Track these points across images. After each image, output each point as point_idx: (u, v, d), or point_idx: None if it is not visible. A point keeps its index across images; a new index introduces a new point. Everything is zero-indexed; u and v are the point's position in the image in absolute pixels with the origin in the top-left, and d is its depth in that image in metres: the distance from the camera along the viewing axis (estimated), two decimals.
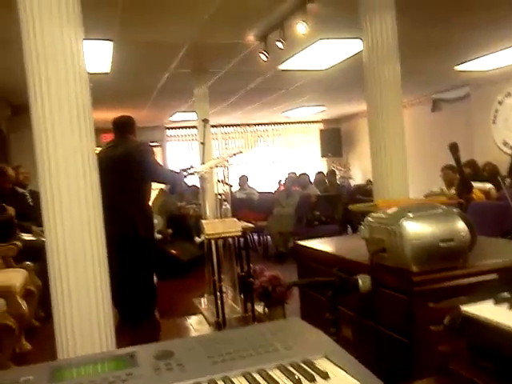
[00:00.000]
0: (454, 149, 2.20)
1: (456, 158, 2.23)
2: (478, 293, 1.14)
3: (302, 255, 2.36)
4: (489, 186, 5.35)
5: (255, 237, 8.63)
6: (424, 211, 1.63)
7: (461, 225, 1.59)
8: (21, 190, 5.48)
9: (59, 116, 2.11)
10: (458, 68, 7.38)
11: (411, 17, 4.54)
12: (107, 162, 4.07)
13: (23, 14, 2.10)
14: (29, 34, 2.09)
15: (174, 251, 6.49)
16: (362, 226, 1.80)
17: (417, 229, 1.57)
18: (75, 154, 2.14)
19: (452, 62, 7.06)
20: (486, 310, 1.06)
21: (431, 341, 1.36)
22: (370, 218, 1.77)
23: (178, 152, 12.24)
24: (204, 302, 4.91)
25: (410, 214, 1.59)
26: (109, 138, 10.94)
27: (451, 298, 1.50)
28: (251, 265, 4.17)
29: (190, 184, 8.26)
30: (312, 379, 0.97)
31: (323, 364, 1.04)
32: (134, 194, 4.41)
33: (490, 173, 6.94)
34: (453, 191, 5.67)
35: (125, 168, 4.33)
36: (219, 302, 4.00)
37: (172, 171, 4.92)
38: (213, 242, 4.37)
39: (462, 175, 2.30)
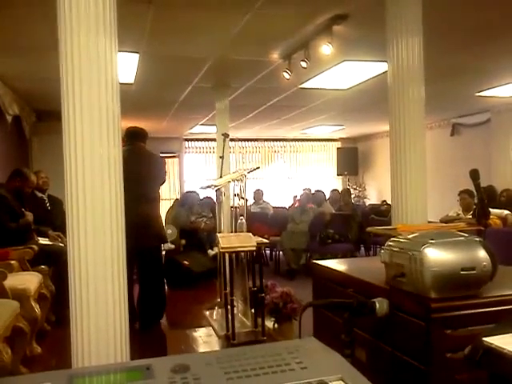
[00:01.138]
0: (474, 175, 2.20)
1: (476, 184, 2.23)
2: (500, 324, 1.13)
3: (317, 274, 2.35)
4: (506, 212, 5.30)
5: (267, 252, 8.62)
6: (446, 238, 1.62)
7: (483, 254, 1.58)
8: (39, 195, 5.56)
9: (89, 125, 2.15)
10: (480, 94, 7.36)
11: (437, 43, 4.56)
12: (127, 164, 4.10)
13: (62, 24, 2.15)
14: (66, 43, 2.14)
15: (186, 262, 6.49)
16: (382, 250, 1.79)
17: (438, 256, 1.56)
18: (102, 162, 2.17)
19: (474, 88, 7.05)
20: (509, 343, 1.04)
21: (448, 368, 1.34)
22: (390, 243, 1.77)
23: (194, 164, 12.31)
24: (214, 315, 4.90)
25: (432, 241, 1.58)
26: None
27: (469, 327, 1.49)
28: (263, 280, 4.16)
29: (203, 197, 8.31)
30: None
31: None
32: (151, 199, 4.60)
33: (507, 199, 6.88)
34: (469, 216, 5.63)
35: (147, 173, 4.50)
36: (229, 315, 3.99)
37: None
38: (226, 255, 4.38)
39: (481, 202, 2.28)
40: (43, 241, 4.97)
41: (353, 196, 10.71)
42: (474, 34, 4.64)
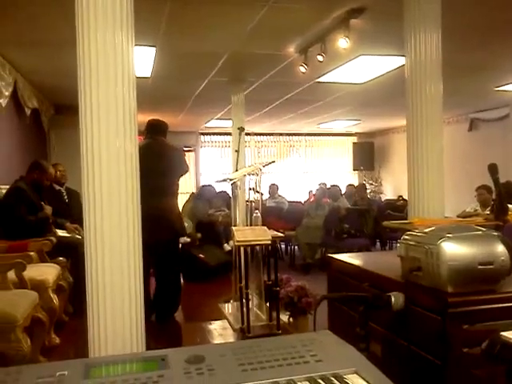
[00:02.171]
0: (493, 170, 2.17)
1: (495, 179, 2.20)
2: None
3: (333, 268, 2.35)
4: None
5: (282, 246, 8.63)
6: (463, 232, 1.60)
7: (501, 248, 1.56)
8: (57, 188, 5.62)
9: (106, 118, 2.17)
10: (499, 89, 7.25)
11: (455, 41, 4.52)
12: (146, 158, 4.16)
13: (79, 18, 2.17)
14: (83, 37, 2.16)
15: (201, 255, 6.52)
16: (398, 244, 1.78)
17: (455, 250, 1.54)
18: (119, 155, 2.19)
19: (493, 83, 6.96)
20: None
21: (464, 363, 1.33)
22: (406, 236, 1.75)
23: (210, 158, 12.35)
24: (229, 308, 4.92)
25: (449, 235, 1.57)
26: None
27: (486, 322, 1.47)
28: (278, 274, 4.17)
29: (218, 190, 8.33)
30: None
31: (353, 379, 1.03)
32: (168, 192, 4.60)
33: None
34: (487, 212, 5.56)
35: (165, 167, 4.50)
36: (245, 308, 4.01)
37: None
38: (242, 249, 4.39)
39: (499, 197, 2.25)
40: (61, 233, 5.03)
41: (368, 191, 10.64)
42: (491, 33, 4.61)
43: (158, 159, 4.47)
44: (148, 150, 4.28)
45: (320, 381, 1.02)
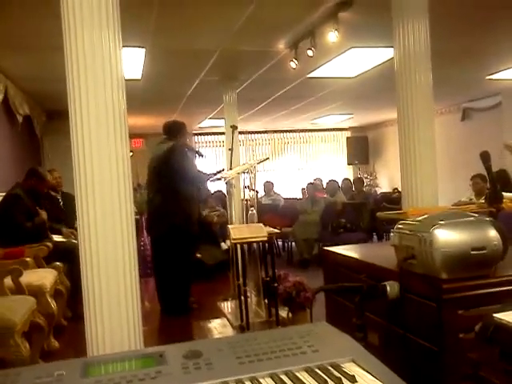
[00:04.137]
0: (485, 157, 2.18)
1: (487, 166, 2.21)
2: (510, 301, 1.12)
3: (328, 261, 2.35)
4: None
5: (280, 243, 8.64)
6: (455, 219, 1.61)
7: (493, 233, 1.57)
8: (53, 193, 5.62)
9: (96, 122, 2.17)
10: (490, 77, 7.27)
11: (444, 26, 4.50)
12: (149, 162, 4.91)
13: (65, 21, 2.17)
14: (70, 40, 2.15)
15: (198, 255, 6.52)
16: (391, 233, 1.79)
17: (448, 236, 1.55)
18: (110, 159, 2.19)
19: (484, 71, 6.96)
20: None
21: (460, 349, 1.34)
22: (400, 225, 1.76)
23: (204, 158, 12.30)
24: (228, 306, 4.94)
25: (441, 222, 1.57)
26: (139, 143, 11.14)
27: (481, 307, 1.48)
28: (275, 270, 4.18)
29: (214, 190, 8.33)
30: (339, 382, 0.97)
31: (351, 368, 1.04)
32: (164, 192, 4.75)
33: None
34: (482, 201, 5.56)
35: (158, 168, 4.77)
36: (243, 306, 4.02)
37: (200, 173, 5.01)
38: (238, 246, 4.40)
39: (492, 184, 2.26)
40: (57, 238, 5.03)
41: (364, 185, 10.66)
42: (482, 16, 4.58)
43: (159, 160, 4.80)
44: (155, 151, 4.91)
45: (317, 370, 1.03)
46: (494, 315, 1.06)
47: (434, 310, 1.54)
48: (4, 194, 4.87)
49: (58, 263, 4.37)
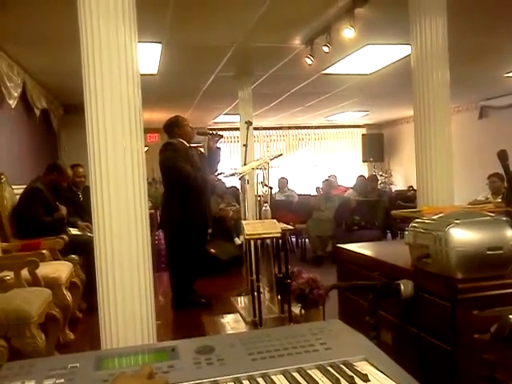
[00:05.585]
0: (502, 156, 2.15)
1: (505, 165, 2.18)
2: None
3: (342, 258, 2.35)
4: None
5: (293, 239, 8.63)
6: (471, 218, 1.59)
7: (510, 233, 1.54)
8: (74, 189, 5.67)
9: (111, 116, 2.18)
10: (509, 75, 7.16)
11: (462, 23, 4.45)
12: None
13: (82, 15, 2.18)
14: (86, 35, 2.17)
15: (212, 250, 6.55)
16: (406, 232, 1.77)
17: (463, 236, 1.53)
18: (125, 153, 2.20)
19: (502, 69, 6.86)
20: None
21: (474, 349, 1.33)
22: (414, 224, 1.75)
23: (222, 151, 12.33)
24: (241, 301, 4.95)
25: (457, 221, 1.55)
26: (154, 137, 11.18)
27: (496, 308, 1.46)
28: (289, 266, 4.17)
29: (228, 186, 8.34)
30: (351, 381, 0.97)
31: (363, 366, 1.03)
32: (166, 189, 5.03)
33: None
34: (499, 200, 5.50)
35: (160, 166, 4.94)
36: (256, 301, 4.02)
37: (201, 172, 4.97)
38: (252, 242, 4.40)
39: (510, 183, 2.23)
40: (73, 231, 5.08)
41: (379, 182, 10.59)
42: (500, 14, 4.51)
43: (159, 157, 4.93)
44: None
45: (330, 368, 1.02)
46: (511, 316, 1.04)
47: (448, 309, 1.53)
48: (21, 186, 4.92)
49: (73, 256, 4.43)
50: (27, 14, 4.05)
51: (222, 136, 5.31)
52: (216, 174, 5.32)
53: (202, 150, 6.29)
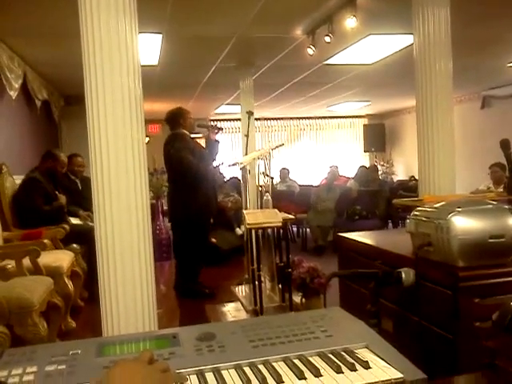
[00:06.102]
0: (505, 145, 2.15)
1: (507, 154, 2.17)
2: None
3: (343, 247, 2.35)
4: None
5: (294, 229, 8.64)
6: (473, 206, 1.59)
7: None
8: (72, 177, 5.67)
9: (112, 107, 2.17)
10: (511, 65, 7.12)
11: (465, 13, 4.40)
12: None
13: (82, 7, 2.16)
14: (87, 26, 2.15)
15: (213, 240, 6.56)
16: (407, 220, 1.77)
17: (465, 224, 1.53)
18: (126, 143, 2.20)
19: (505, 58, 6.82)
20: None
21: (475, 337, 1.33)
22: (416, 212, 1.74)
23: (220, 144, 12.31)
24: (242, 290, 4.97)
25: (459, 209, 1.55)
26: (155, 128, 11.15)
27: (497, 296, 1.46)
28: (290, 256, 4.18)
29: (229, 176, 8.33)
30: (352, 368, 0.97)
31: (364, 354, 1.04)
32: (174, 180, 5.02)
33: None
34: (500, 189, 5.50)
35: (164, 158, 5.03)
36: (257, 290, 4.03)
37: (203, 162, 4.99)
38: (253, 231, 4.40)
39: None
40: (74, 220, 5.09)
41: (380, 172, 10.57)
42: (503, 3, 4.46)
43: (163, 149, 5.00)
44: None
45: (331, 356, 1.03)
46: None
47: (449, 297, 1.53)
48: (22, 177, 4.92)
49: (74, 245, 4.44)
50: (28, 5, 4.02)
51: (221, 129, 5.32)
52: (215, 166, 5.33)
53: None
